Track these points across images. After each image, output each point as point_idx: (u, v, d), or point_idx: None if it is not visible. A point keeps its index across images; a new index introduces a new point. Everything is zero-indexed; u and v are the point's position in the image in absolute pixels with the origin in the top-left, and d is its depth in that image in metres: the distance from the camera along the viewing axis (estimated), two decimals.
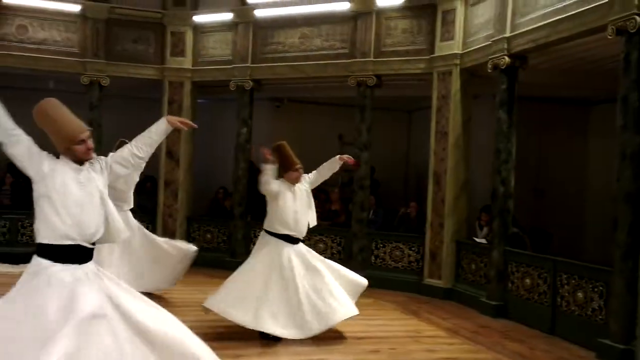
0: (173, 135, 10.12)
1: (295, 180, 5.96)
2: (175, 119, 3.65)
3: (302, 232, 5.97)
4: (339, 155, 6.08)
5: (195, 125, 3.85)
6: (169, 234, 10.18)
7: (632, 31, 5.51)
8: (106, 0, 10.06)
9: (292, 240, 5.92)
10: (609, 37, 5.77)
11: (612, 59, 6.31)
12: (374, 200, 9.79)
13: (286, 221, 5.86)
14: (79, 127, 3.31)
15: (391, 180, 11.60)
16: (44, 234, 3.19)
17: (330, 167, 6.12)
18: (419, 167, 10.86)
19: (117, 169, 3.46)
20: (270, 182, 5.85)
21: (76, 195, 3.20)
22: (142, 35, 10.27)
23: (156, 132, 3.59)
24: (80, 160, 3.30)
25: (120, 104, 10.89)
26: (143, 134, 3.59)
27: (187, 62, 10.34)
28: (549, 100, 9.93)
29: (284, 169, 5.97)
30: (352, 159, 6.11)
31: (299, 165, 5.95)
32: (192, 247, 7.13)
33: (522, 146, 8.38)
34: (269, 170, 5.85)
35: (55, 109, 3.35)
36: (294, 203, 5.88)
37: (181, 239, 10.24)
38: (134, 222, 6.85)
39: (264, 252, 5.92)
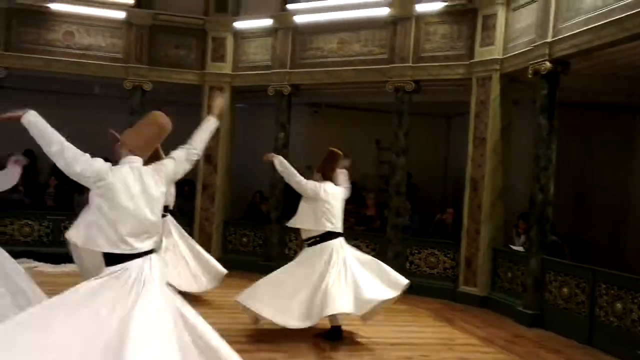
0: (211, 140, 10.26)
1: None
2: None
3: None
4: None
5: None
6: (206, 237, 10.35)
7: None
8: (150, 6, 10.31)
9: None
10: None
11: None
12: (410, 206, 9.75)
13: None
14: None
15: (429, 186, 11.52)
16: None
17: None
18: (457, 173, 10.75)
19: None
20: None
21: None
22: (184, 41, 10.48)
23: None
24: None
25: (163, 108, 11.08)
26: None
27: (227, 68, 10.49)
28: (591, 107, 9.72)
29: (328, 170, 6.17)
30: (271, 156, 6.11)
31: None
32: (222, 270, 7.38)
33: (563, 153, 8.23)
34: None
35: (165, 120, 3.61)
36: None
37: (217, 242, 10.49)
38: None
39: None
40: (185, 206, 10.40)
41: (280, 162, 5.99)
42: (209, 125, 3.81)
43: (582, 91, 8.49)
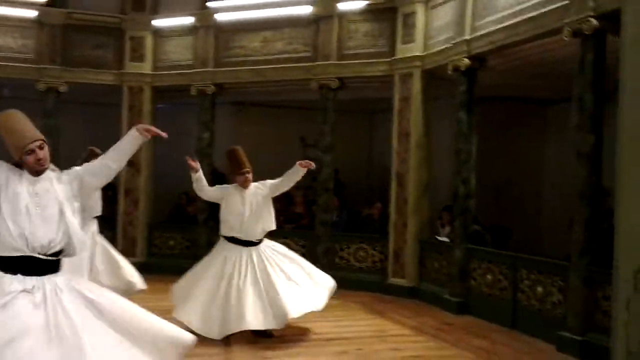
0: None
1: (243, 184, 6.03)
2: (146, 128, 3.57)
3: (251, 235, 6.02)
4: (298, 162, 6.05)
5: (165, 135, 3.71)
6: (130, 241, 10.06)
7: (587, 33, 5.70)
8: (64, 5, 9.88)
9: (242, 242, 6.00)
10: (565, 39, 5.95)
11: (568, 60, 6.49)
12: (338, 202, 9.85)
13: (231, 224, 6.01)
14: (28, 136, 3.22)
15: (355, 182, 11.68)
16: None
17: (292, 176, 6.06)
18: (381, 168, 10.96)
19: (90, 181, 3.39)
20: (205, 189, 6.04)
21: (26, 206, 3.14)
22: (100, 40, 10.11)
23: (129, 142, 3.51)
24: (35, 171, 3.23)
25: (79, 110, 10.71)
26: (116, 145, 3.50)
27: (146, 67, 10.22)
28: (509, 100, 10.14)
29: (232, 171, 6.18)
30: (312, 163, 6.06)
31: (245, 169, 6.01)
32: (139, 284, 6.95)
33: (484, 146, 8.57)
34: (197, 178, 5.95)
35: (9, 120, 3.28)
36: (243, 207, 5.97)
37: (142, 246, 10.20)
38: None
39: (213, 253, 6.19)
40: (108, 211, 10.05)
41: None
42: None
43: (499, 86, 8.84)
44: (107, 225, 9.50)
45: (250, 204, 6.00)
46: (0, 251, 3.13)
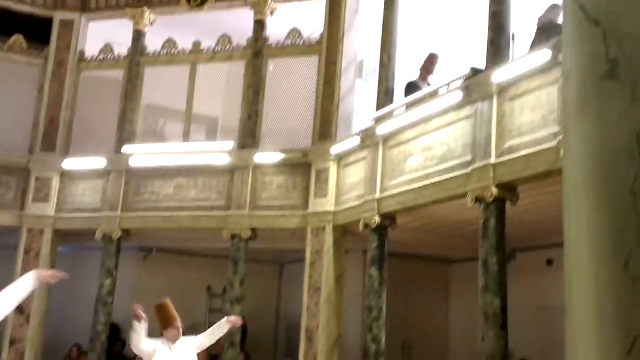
0: None
1: (174, 338, 5.78)
2: (46, 274, 3.34)
3: None
4: (227, 318, 5.95)
5: (66, 275, 3.49)
6: None
7: (489, 201, 6.07)
8: None
9: None
10: (469, 204, 6.30)
11: (471, 222, 6.84)
12: (245, 357, 9.40)
13: None
14: None
15: (261, 333, 11.28)
16: None
17: (219, 330, 6.00)
18: (289, 320, 10.71)
19: None
20: (143, 342, 5.65)
21: None
22: (2, 179, 9.70)
23: (23, 287, 3.24)
24: None
25: None
26: (7, 289, 3.22)
27: (49, 209, 9.79)
28: (415, 258, 10.42)
29: (164, 326, 5.86)
30: (241, 319, 5.97)
31: (179, 324, 5.82)
32: None
33: (391, 302, 8.60)
34: (140, 329, 5.59)
35: None
36: None
37: None
38: None
39: None
40: None
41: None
42: None
43: (407, 243, 9.10)
44: None
45: (179, 358, 5.74)
46: None
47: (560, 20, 5.82)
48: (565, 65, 1.97)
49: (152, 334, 5.86)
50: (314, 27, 9.41)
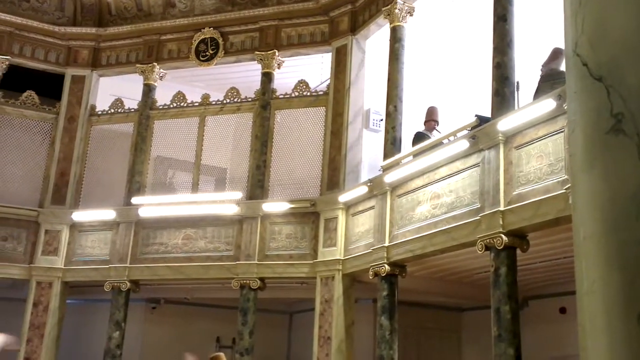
0: (35, 340, 9.27)
1: None
2: None
3: None
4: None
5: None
6: None
7: (499, 248, 6.05)
8: None
9: None
10: (479, 252, 6.28)
11: (482, 270, 6.81)
12: None
13: None
14: None
15: None
16: None
17: None
18: None
19: None
20: None
21: None
22: (13, 232, 9.76)
23: None
24: None
25: None
26: None
27: (58, 262, 9.82)
28: (426, 306, 10.32)
29: None
30: None
31: None
32: None
33: (402, 351, 8.46)
34: None
35: None
36: None
37: None
38: None
39: None
40: None
41: None
42: None
43: (417, 291, 9.02)
44: None
45: None
46: None
47: (563, 67, 5.93)
48: (570, 118, 2.00)
49: None
50: (320, 78, 9.59)
